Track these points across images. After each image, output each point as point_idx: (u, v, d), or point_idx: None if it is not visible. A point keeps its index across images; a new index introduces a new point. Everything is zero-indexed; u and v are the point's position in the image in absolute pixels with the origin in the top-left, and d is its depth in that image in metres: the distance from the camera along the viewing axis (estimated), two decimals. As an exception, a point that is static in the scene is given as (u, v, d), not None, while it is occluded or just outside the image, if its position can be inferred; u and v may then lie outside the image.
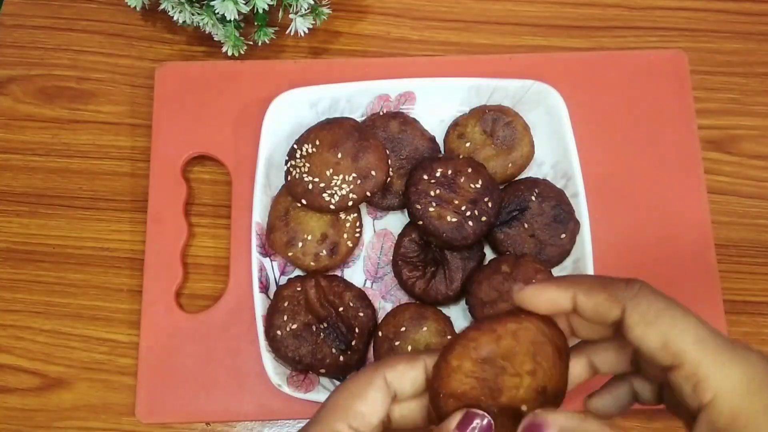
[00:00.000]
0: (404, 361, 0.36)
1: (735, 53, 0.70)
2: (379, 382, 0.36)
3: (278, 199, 0.61)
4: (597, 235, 0.60)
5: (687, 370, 0.32)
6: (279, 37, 0.68)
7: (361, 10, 0.72)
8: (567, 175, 0.62)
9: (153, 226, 0.62)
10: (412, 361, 0.36)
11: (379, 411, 0.35)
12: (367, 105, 0.64)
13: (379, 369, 0.36)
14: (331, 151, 0.58)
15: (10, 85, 0.69)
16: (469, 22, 0.71)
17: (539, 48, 0.70)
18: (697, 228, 0.63)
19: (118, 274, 0.63)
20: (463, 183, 0.58)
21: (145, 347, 0.59)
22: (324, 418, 0.35)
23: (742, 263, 0.64)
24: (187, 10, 0.64)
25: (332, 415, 0.35)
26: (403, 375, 0.36)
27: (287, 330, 0.56)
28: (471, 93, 0.64)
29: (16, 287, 0.63)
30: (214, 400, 0.58)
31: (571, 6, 0.72)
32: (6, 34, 0.70)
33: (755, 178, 0.66)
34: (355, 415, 0.35)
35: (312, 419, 0.36)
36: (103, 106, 0.68)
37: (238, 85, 0.66)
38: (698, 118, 0.66)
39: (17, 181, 0.66)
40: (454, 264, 0.59)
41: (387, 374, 0.36)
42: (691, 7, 0.72)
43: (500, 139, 0.62)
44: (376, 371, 0.36)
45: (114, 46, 0.70)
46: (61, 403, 0.60)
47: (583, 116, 0.64)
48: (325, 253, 0.59)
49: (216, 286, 0.63)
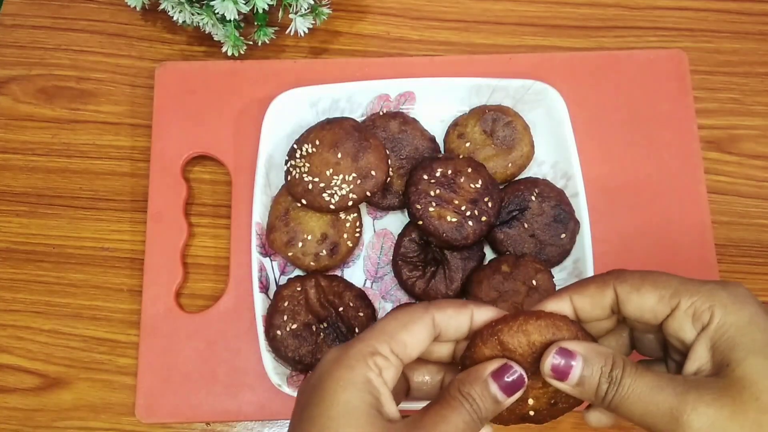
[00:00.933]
0: (454, 306, 0.38)
1: (735, 53, 0.70)
2: (428, 320, 0.37)
3: (278, 198, 0.61)
4: (597, 235, 0.60)
5: (681, 309, 0.36)
6: (279, 37, 0.68)
7: (361, 10, 0.72)
8: (567, 175, 0.62)
9: (153, 226, 0.62)
10: (461, 308, 0.38)
11: (421, 345, 0.37)
12: (367, 105, 0.64)
13: (429, 309, 0.37)
14: (331, 151, 0.58)
15: (10, 84, 0.69)
16: (469, 22, 0.71)
17: (539, 48, 0.70)
18: (697, 228, 0.63)
19: (118, 274, 0.63)
20: (463, 183, 0.58)
21: (145, 347, 0.59)
22: (368, 338, 0.36)
23: (742, 263, 0.64)
24: (187, 10, 0.64)
25: (377, 337, 0.36)
26: (450, 318, 0.38)
27: (287, 330, 0.56)
28: (471, 93, 0.64)
29: (16, 287, 0.63)
30: (214, 400, 0.58)
31: (571, 6, 0.72)
32: (6, 33, 0.70)
33: (755, 178, 0.66)
34: (398, 343, 0.36)
35: (357, 338, 0.37)
36: (103, 105, 0.68)
37: (238, 85, 0.66)
38: (698, 118, 0.66)
39: (17, 181, 0.66)
40: (454, 264, 0.59)
41: (436, 315, 0.37)
42: (692, 7, 0.72)
43: (500, 138, 0.62)
44: (427, 310, 0.37)
45: (114, 45, 0.70)
46: (61, 403, 0.60)
47: (583, 116, 0.64)
48: (325, 252, 0.59)
49: (216, 286, 0.63)
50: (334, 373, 0.35)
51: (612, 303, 0.38)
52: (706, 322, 0.35)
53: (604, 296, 0.38)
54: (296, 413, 0.37)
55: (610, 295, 0.38)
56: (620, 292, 0.37)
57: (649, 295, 0.37)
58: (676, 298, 0.36)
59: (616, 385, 0.35)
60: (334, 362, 0.36)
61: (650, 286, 0.37)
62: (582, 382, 0.35)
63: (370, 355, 0.36)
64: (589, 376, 0.35)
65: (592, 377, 0.35)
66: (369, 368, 0.35)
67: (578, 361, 0.35)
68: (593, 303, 0.38)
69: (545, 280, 0.57)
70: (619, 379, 0.35)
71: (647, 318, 0.37)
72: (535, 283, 0.56)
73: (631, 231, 0.63)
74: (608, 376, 0.35)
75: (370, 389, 0.35)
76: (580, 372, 0.35)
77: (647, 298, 0.37)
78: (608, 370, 0.35)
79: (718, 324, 0.35)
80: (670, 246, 0.62)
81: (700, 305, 0.35)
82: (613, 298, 0.38)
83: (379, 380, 0.35)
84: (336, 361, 0.36)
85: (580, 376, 0.35)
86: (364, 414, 0.34)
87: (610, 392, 0.35)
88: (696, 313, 0.35)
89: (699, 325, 0.35)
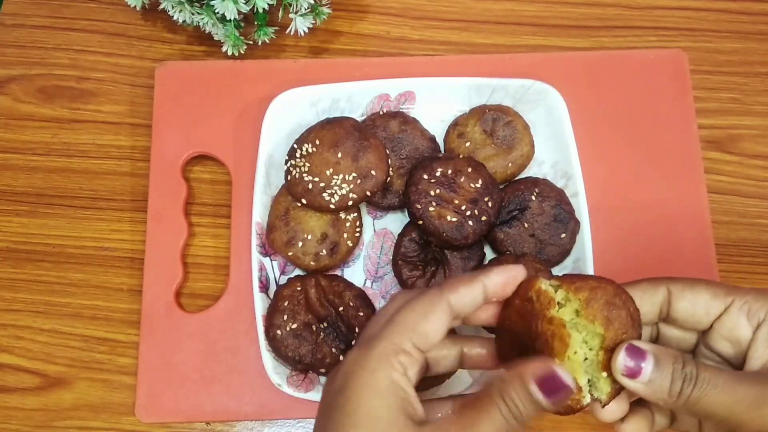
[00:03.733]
0: (465, 283, 0.38)
1: (735, 53, 0.70)
2: (444, 306, 0.37)
3: (278, 198, 0.61)
4: (597, 234, 0.60)
5: (736, 306, 0.37)
6: (279, 37, 0.68)
7: (362, 10, 0.72)
8: (567, 175, 0.62)
9: (153, 226, 0.62)
10: (472, 283, 0.38)
11: (442, 332, 0.37)
12: (367, 104, 0.64)
13: (443, 293, 0.38)
14: (331, 151, 0.58)
15: (10, 84, 0.69)
16: (469, 22, 0.71)
17: (539, 47, 0.70)
18: (697, 228, 0.63)
19: (118, 274, 0.63)
20: (463, 182, 0.58)
21: (145, 347, 0.59)
22: (390, 335, 0.36)
23: (742, 263, 0.64)
24: (187, 9, 0.64)
25: (399, 333, 0.36)
26: (464, 297, 0.38)
27: (287, 329, 0.56)
28: (471, 92, 0.64)
29: (16, 287, 0.63)
30: (214, 400, 0.58)
31: (571, 5, 0.72)
32: (6, 33, 0.70)
33: (755, 177, 0.66)
34: (420, 335, 0.36)
35: (375, 335, 0.37)
36: (103, 105, 0.68)
37: (238, 85, 0.66)
38: (698, 118, 0.66)
39: (17, 181, 0.66)
40: (454, 264, 0.59)
41: (450, 298, 0.38)
42: (692, 7, 0.72)
43: (500, 138, 0.62)
44: (441, 295, 0.38)
45: (114, 45, 0.70)
46: (61, 403, 0.60)
47: (583, 116, 0.64)
48: (325, 252, 0.59)
49: (216, 285, 0.63)
50: (357, 377, 0.35)
51: (663, 301, 0.39)
52: (762, 318, 0.37)
53: (656, 292, 0.39)
54: (321, 413, 0.37)
55: (662, 292, 0.39)
56: (673, 290, 0.39)
57: (704, 292, 0.38)
58: (730, 297, 0.38)
59: (693, 381, 0.35)
60: (357, 363, 0.35)
61: (704, 285, 0.38)
62: (653, 380, 0.35)
63: (393, 354, 0.35)
64: (660, 375, 0.35)
65: (663, 376, 0.35)
66: (393, 368, 0.35)
67: (649, 359, 0.36)
68: (644, 299, 0.39)
69: (545, 279, 0.57)
70: (695, 375, 0.35)
71: (699, 316, 0.38)
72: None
73: (631, 231, 0.63)
74: (681, 373, 0.35)
75: (396, 391, 0.34)
76: (652, 370, 0.35)
77: (701, 295, 0.38)
78: (680, 367, 0.35)
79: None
80: (670, 246, 0.62)
81: (754, 303, 0.37)
82: (665, 295, 0.39)
83: (404, 380, 0.35)
84: (359, 363, 0.35)
85: (651, 375, 0.35)
86: (389, 421, 0.34)
87: (686, 389, 0.35)
88: (751, 311, 0.37)
89: (755, 322, 0.37)
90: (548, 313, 0.37)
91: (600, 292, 0.37)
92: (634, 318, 0.37)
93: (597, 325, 0.37)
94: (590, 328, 0.37)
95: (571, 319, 0.37)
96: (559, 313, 0.37)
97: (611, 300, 0.37)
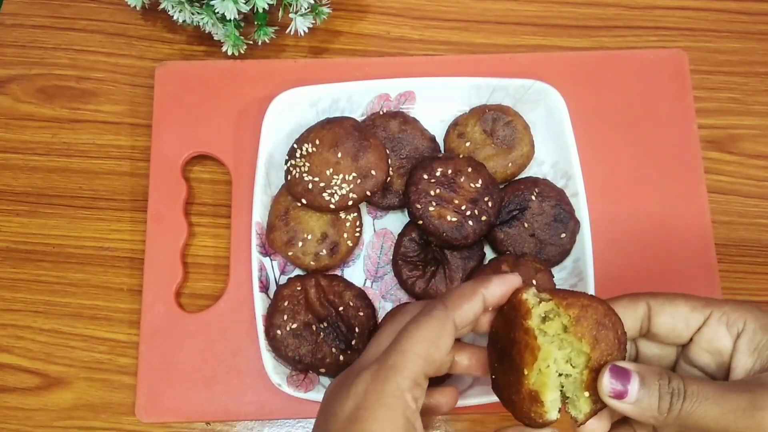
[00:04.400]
0: (467, 299, 0.39)
1: (735, 53, 0.70)
2: (451, 327, 0.38)
3: (278, 198, 0.61)
4: (597, 234, 0.60)
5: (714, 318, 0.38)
6: (279, 37, 0.68)
7: (362, 10, 0.72)
8: (567, 175, 0.62)
9: (153, 226, 0.62)
10: (474, 297, 0.39)
11: (446, 353, 0.38)
12: (367, 104, 0.64)
13: (449, 313, 0.38)
14: (331, 151, 0.58)
15: (10, 84, 0.69)
16: (469, 22, 0.71)
17: (539, 47, 0.70)
18: (697, 228, 0.63)
19: (118, 274, 0.63)
20: (463, 182, 0.58)
21: (145, 347, 0.59)
22: (404, 367, 0.36)
23: (742, 263, 0.64)
24: (187, 9, 0.64)
25: (413, 363, 0.37)
26: (468, 312, 0.39)
27: (287, 329, 0.56)
28: (471, 92, 0.64)
29: (16, 286, 0.63)
30: (214, 400, 0.58)
31: (571, 5, 0.72)
32: (6, 33, 0.70)
33: (755, 177, 0.66)
34: (431, 364, 0.37)
35: (391, 365, 0.36)
36: (103, 105, 0.68)
37: (238, 85, 0.66)
38: (698, 118, 0.66)
39: (17, 181, 0.66)
40: (454, 263, 0.59)
41: (456, 318, 0.38)
42: (692, 7, 0.72)
43: (500, 138, 0.62)
44: (447, 316, 0.38)
45: (114, 45, 0.70)
46: (61, 403, 0.60)
47: (583, 116, 0.64)
48: (325, 252, 0.59)
49: (216, 285, 0.63)
50: (375, 411, 0.35)
51: (643, 316, 0.39)
52: (742, 328, 0.37)
53: (636, 308, 0.39)
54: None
55: (642, 307, 0.39)
56: (653, 305, 0.39)
57: (683, 305, 0.39)
58: (709, 309, 0.38)
59: (682, 396, 0.35)
60: (374, 395, 0.35)
61: (682, 298, 0.39)
62: (641, 399, 0.35)
63: (409, 390, 0.36)
64: (647, 394, 0.35)
65: (651, 394, 0.35)
66: (408, 406, 0.36)
67: (634, 379, 0.36)
68: (625, 314, 0.39)
69: (545, 279, 0.57)
70: (683, 389, 0.35)
71: (679, 330, 0.39)
72: (535, 283, 0.56)
73: (631, 231, 0.63)
74: (668, 389, 0.35)
75: (408, 429, 0.35)
76: (638, 389, 0.35)
77: (681, 308, 0.39)
78: (666, 383, 0.35)
79: (754, 328, 0.37)
80: (670, 245, 0.62)
81: (732, 313, 0.38)
82: (645, 311, 0.39)
83: (416, 414, 0.36)
84: (376, 396, 0.35)
85: (638, 395, 0.35)
86: None
87: (675, 404, 0.35)
88: (729, 321, 0.38)
89: (735, 331, 0.37)
90: (525, 323, 0.38)
91: (591, 311, 0.37)
92: (620, 341, 0.37)
93: (584, 343, 0.37)
94: (576, 346, 0.37)
95: (557, 334, 0.37)
96: (544, 326, 0.38)
97: (601, 320, 0.37)
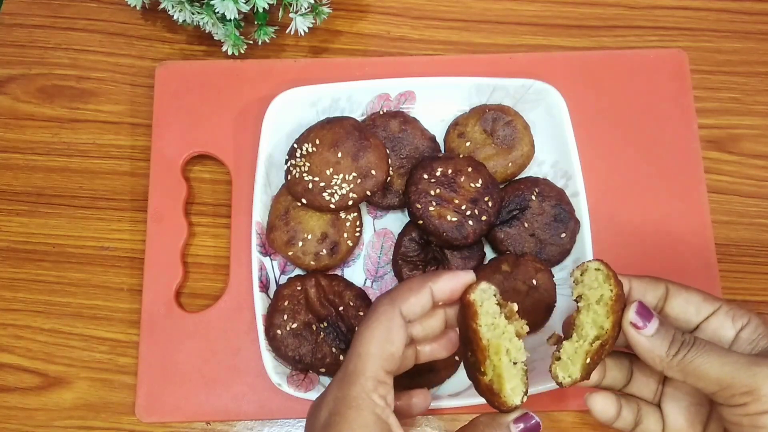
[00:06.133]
0: (414, 292, 0.41)
1: (735, 52, 0.70)
2: (399, 321, 0.40)
3: (278, 198, 0.61)
4: (597, 234, 0.60)
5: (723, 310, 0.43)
6: (279, 36, 0.68)
7: (362, 10, 0.72)
8: (567, 175, 0.62)
9: (153, 225, 0.62)
10: (421, 291, 0.41)
11: (402, 345, 0.40)
12: (368, 104, 0.64)
13: (395, 306, 0.41)
14: (331, 151, 0.58)
15: (10, 84, 0.69)
16: (469, 22, 0.71)
17: (539, 47, 0.70)
18: (697, 228, 0.63)
19: (118, 274, 0.63)
20: (464, 182, 0.58)
21: (145, 347, 0.59)
22: (363, 369, 0.39)
23: (742, 263, 0.64)
24: (188, 9, 0.64)
25: (371, 364, 0.39)
26: (414, 306, 0.41)
27: (287, 329, 0.56)
28: (471, 92, 0.64)
29: (16, 286, 0.63)
30: (214, 400, 0.58)
31: (571, 5, 0.72)
32: (6, 33, 0.70)
33: (755, 177, 0.66)
34: (389, 360, 0.39)
35: (352, 371, 0.39)
36: (104, 105, 0.68)
37: (238, 85, 0.66)
38: (698, 118, 0.66)
39: (17, 180, 0.66)
40: (455, 263, 0.59)
41: (402, 309, 0.41)
42: (692, 7, 0.72)
43: (500, 138, 0.62)
44: (393, 309, 0.40)
45: (114, 45, 0.70)
46: (61, 402, 0.60)
47: (583, 115, 0.64)
48: (325, 252, 0.59)
49: (216, 285, 0.63)
50: (345, 414, 0.37)
51: (661, 296, 0.44)
52: (746, 323, 0.42)
53: (657, 287, 0.44)
54: None
55: (662, 288, 0.44)
56: (671, 288, 0.44)
57: (696, 295, 0.43)
58: (719, 303, 0.43)
59: (690, 345, 0.40)
60: (342, 402, 0.38)
61: (696, 290, 0.44)
62: (655, 338, 0.40)
63: (373, 390, 0.38)
64: (661, 335, 0.40)
65: (664, 336, 0.40)
66: (376, 404, 0.38)
67: (655, 319, 0.41)
68: (647, 290, 0.44)
69: (545, 279, 0.57)
70: (692, 342, 0.40)
71: (690, 314, 0.43)
72: (535, 283, 0.56)
73: (631, 231, 0.63)
74: (680, 338, 0.40)
75: (381, 426, 0.37)
76: (657, 328, 0.40)
77: (695, 297, 0.43)
78: (680, 334, 0.41)
79: (757, 323, 0.42)
80: (670, 245, 0.62)
81: (738, 310, 0.42)
82: (663, 292, 0.44)
83: (387, 411, 0.38)
84: (344, 401, 0.37)
85: (655, 332, 0.40)
86: None
87: (682, 350, 0.40)
88: (735, 316, 0.42)
89: (739, 325, 0.42)
90: (473, 324, 0.40)
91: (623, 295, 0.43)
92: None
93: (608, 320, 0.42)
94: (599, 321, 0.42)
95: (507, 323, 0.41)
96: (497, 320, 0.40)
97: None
